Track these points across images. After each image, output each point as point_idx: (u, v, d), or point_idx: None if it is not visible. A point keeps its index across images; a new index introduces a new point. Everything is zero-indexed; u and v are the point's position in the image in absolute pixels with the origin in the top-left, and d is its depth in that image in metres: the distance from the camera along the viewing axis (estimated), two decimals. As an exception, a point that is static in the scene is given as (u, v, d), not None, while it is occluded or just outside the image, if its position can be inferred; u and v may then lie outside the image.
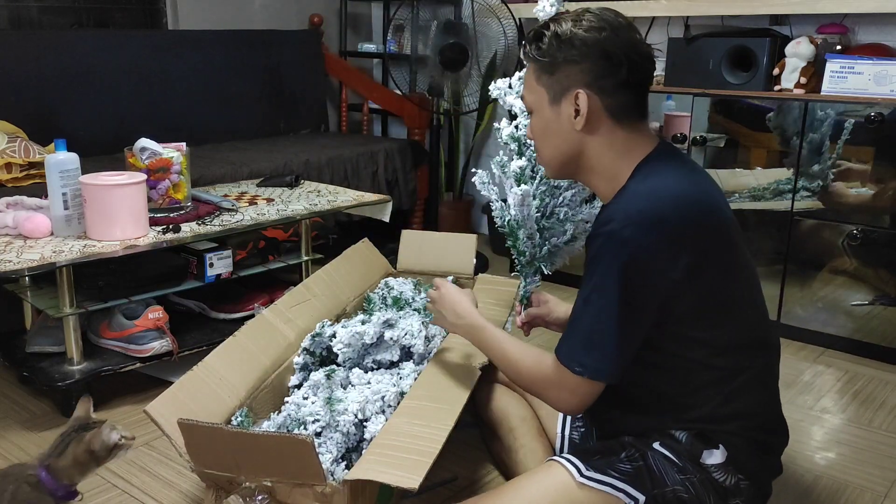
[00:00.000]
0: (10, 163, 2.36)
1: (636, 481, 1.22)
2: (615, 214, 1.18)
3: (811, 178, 2.35)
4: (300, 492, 1.20)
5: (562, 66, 1.22)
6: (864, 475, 1.74)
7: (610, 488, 1.22)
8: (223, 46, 3.25)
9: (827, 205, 2.35)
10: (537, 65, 1.26)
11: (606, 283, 1.16)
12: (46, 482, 1.20)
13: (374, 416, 1.44)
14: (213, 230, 2.05)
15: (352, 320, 1.72)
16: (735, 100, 2.48)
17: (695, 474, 1.23)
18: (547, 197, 1.66)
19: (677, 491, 1.22)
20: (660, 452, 1.25)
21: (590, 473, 1.23)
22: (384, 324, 1.65)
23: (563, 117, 1.25)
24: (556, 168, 1.32)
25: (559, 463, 1.27)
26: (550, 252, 1.71)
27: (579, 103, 1.22)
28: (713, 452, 1.24)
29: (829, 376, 2.26)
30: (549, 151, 1.31)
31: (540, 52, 1.24)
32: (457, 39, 2.88)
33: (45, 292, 2.00)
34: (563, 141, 1.27)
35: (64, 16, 3.07)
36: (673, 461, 1.24)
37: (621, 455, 1.26)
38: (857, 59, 2.30)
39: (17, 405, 1.99)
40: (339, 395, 1.48)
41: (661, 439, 1.26)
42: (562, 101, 1.24)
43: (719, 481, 1.24)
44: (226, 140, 3.22)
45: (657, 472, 1.23)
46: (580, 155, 1.27)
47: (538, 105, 1.28)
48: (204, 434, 1.23)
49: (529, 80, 1.29)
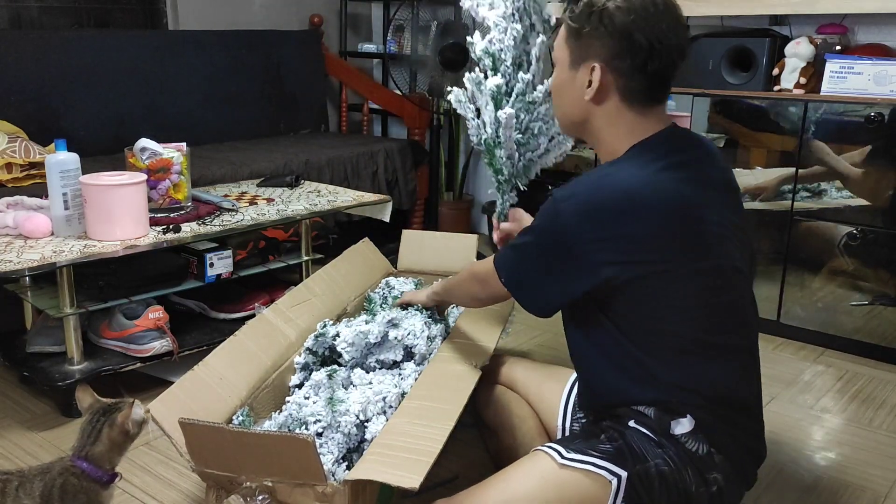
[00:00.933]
0: (10, 163, 2.36)
1: (617, 459, 1.23)
2: (576, 184, 1.24)
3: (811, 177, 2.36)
4: (301, 492, 1.20)
5: (586, 36, 1.25)
6: (864, 475, 1.75)
7: (592, 467, 1.23)
8: (223, 46, 3.25)
9: (827, 205, 2.35)
10: (567, 26, 1.30)
11: (535, 235, 1.27)
12: (89, 471, 1.22)
13: (376, 417, 1.44)
14: (214, 230, 2.06)
15: (355, 319, 1.72)
16: (735, 100, 2.48)
17: (670, 447, 1.24)
18: (523, 113, 1.65)
19: (658, 465, 1.23)
20: (636, 430, 1.26)
21: (571, 455, 1.24)
22: (388, 323, 1.66)
23: (577, 83, 1.29)
24: (566, 127, 1.40)
25: (541, 450, 1.29)
26: (525, 166, 1.71)
27: (593, 76, 1.25)
28: (680, 421, 1.24)
29: (829, 376, 2.26)
30: (559, 110, 1.38)
31: (572, 15, 1.28)
32: (457, 39, 2.88)
33: (46, 292, 2.00)
34: (572, 105, 1.32)
35: (64, 16, 3.07)
36: (649, 437, 1.25)
37: (601, 437, 1.27)
38: (856, 59, 2.30)
39: (17, 405, 1.99)
40: (340, 395, 1.48)
41: (635, 417, 1.27)
42: (579, 67, 1.28)
43: (692, 451, 1.24)
44: (226, 140, 3.22)
45: (637, 450, 1.24)
46: (586, 122, 1.32)
47: (560, 63, 1.33)
48: (205, 433, 1.23)
49: (560, 36, 1.33)
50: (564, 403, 1.53)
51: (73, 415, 1.91)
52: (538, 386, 1.59)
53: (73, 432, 1.83)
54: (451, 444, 1.32)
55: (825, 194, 2.35)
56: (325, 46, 3.68)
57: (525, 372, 1.63)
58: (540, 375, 1.61)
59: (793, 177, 2.39)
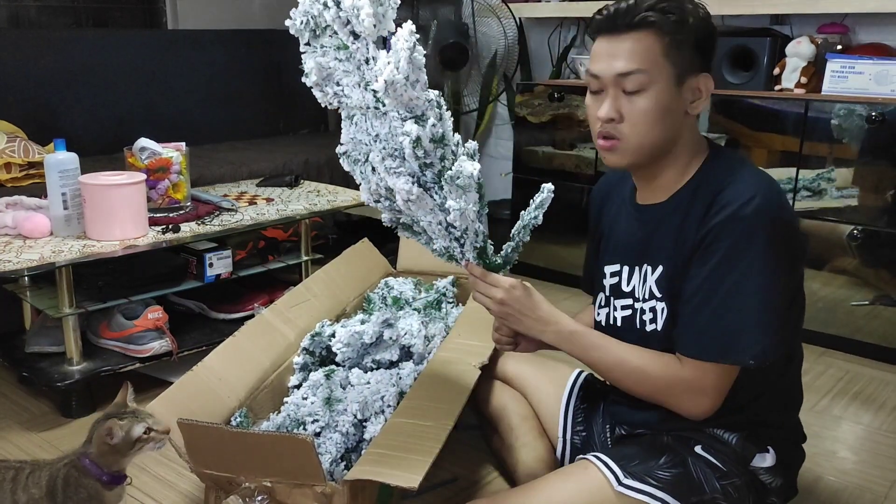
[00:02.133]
0: (9, 163, 2.35)
1: (675, 490, 1.18)
2: (737, 196, 1.12)
3: (811, 177, 2.35)
4: (300, 492, 1.20)
5: (690, 45, 1.15)
6: (864, 475, 1.74)
7: (648, 497, 1.17)
8: (223, 46, 3.25)
9: (827, 204, 2.35)
10: (669, 37, 1.14)
11: (756, 259, 1.10)
12: (89, 468, 1.22)
13: (374, 417, 1.44)
14: (213, 230, 2.05)
15: (351, 320, 1.72)
16: (736, 99, 2.47)
17: (740, 477, 1.20)
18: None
19: (716, 498, 1.19)
20: (702, 458, 1.21)
21: (628, 482, 1.18)
22: (383, 323, 1.65)
23: (683, 99, 1.18)
24: (647, 154, 1.19)
25: (595, 466, 1.21)
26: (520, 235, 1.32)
27: (702, 85, 1.18)
28: (765, 456, 1.22)
29: (830, 376, 2.25)
30: (651, 135, 1.17)
31: (677, 24, 1.13)
32: (457, 39, 2.88)
33: (45, 292, 1.99)
34: (673, 124, 1.18)
35: (63, 15, 3.07)
36: (716, 466, 1.20)
37: (660, 460, 1.21)
38: (857, 58, 2.30)
39: (16, 405, 1.99)
40: (338, 394, 1.48)
41: (705, 441, 1.22)
42: (685, 81, 1.16)
43: (764, 483, 1.22)
44: (225, 140, 3.22)
45: (696, 480, 1.19)
46: (672, 142, 1.20)
47: (660, 81, 1.15)
48: (203, 434, 1.23)
49: (651, 52, 1.14)
50: (564, 413, 1.51)
51: (73, 415, 1.91)
52: (536, 387, 1.58)
53: (73, 432, 1.85)
54: (453, 446, 1.31)
55: (826, 193, 2.35)
56: (325, 46, 3.67)
57: (524, 369, 1.61)
58: (539, 375, 1.59)
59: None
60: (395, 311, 1.74)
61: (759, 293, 1.10)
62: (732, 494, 1.19)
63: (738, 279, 1.11)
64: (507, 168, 3.13)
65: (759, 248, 1.09)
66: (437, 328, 1.73)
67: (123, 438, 1.21)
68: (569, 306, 2.85)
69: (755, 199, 1.10)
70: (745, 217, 1.10)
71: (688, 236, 1.17)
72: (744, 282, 1.10)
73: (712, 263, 1.12)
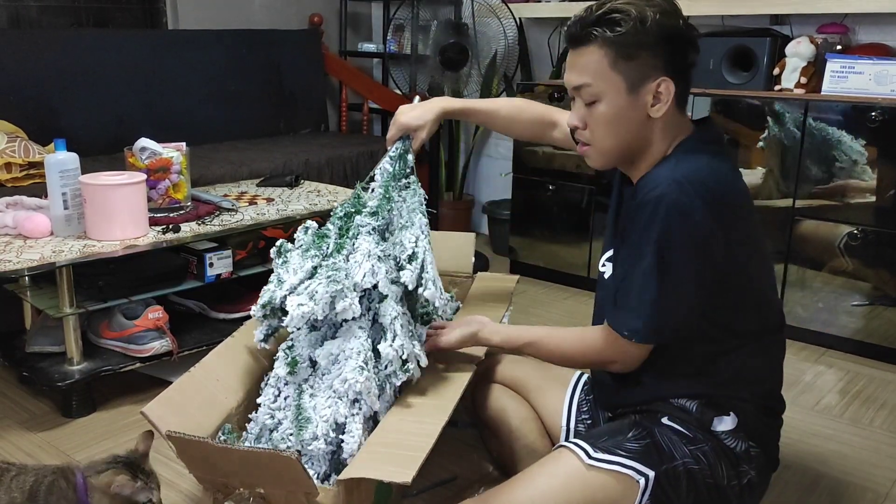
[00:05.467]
0: (9, 163, 2.36)
1: (645, 458, 1.23)
2: (658, 181, 1.18)
3: (812, 177, 2.35)
4: (294, 499, 1.19)
5: (642, 53, 1.18)
6: (864, 475, 1.74)
7: (619, 467, 1.22)
8: (223, 46, 3.25)
9: (827, 205, 2.35)
10: (614, 49, 1.19)
11: (661, 246, 1.17)
12: (80, 489, 1.22)
13: (351, 419, 1.35)
14: (213, 230, 2.05)
15: (295, 276, 1.42)
16: (735, 99, 2.47)
17: (706, 442, 1.25)
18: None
19: (687, 464, 1.23)
20: (668, 427, 1.26)
21: (598, 455, 1.23)
22: (329, 282, 1.35)
23: (639, 105, 1.21)
24: (614, 157, 1.28)
25: (567, 448, 1.27)
26: None
27: (662, 89, 1.20)
28: (723, 419, 1.26)
29: (830, 377, 2.25)
30: (611, 141, 1.25)
31: (620, 36, 1.17)
32: (457, 39, 2.88)
33: (45, 292, 1.99)
34: (633, 129, 1.24)
35: (63, 15, 3.07)
36: (682, 433, 1.25)
37: (628, 434, 1.27)
38: (857, 58, 2.30)
39: (16, 405, 1.99)
40: (305, 402, 1.38)
41: (670, 412, 1.27)
42: (640, 88, 1.20)
43: (730, 447, 1.25)
44: (226, 140, 3.21)
45: (665, 448, 1.24)
46: (642, 140, 1.25)
47: (610, 92, 1.21)
48: (193, 447, 1.22)
49: (599, 66, 1.20)
50: (568, 403, 1.52)
51: (73, 415, 1.91)
52: (539, 386, 1.58)
53: (72, 433, 1.85)
54: (451, 445, 1.31)
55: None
56: (325, 46, 3.67)
57: (525, 371, 1.61)
58: (540, 375, 1.59)
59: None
60: (342, 258, 1.42)
61: (641, 278, 1.18)
62: (703, 460, 1.24)
63: (634, 262, 1.20)
64: (506, 168, 3.13)
65: (653, 234, 1.16)
66: (413, 203, 1.51)
67: (126, 496, 1.22)
68: (569, 306, 2.86)
69: (660, 186, 1.16)
70: (647, 203, 1.17)
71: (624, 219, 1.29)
72: (636, 265, 1.19)
73: (625, 245, 1.24)
